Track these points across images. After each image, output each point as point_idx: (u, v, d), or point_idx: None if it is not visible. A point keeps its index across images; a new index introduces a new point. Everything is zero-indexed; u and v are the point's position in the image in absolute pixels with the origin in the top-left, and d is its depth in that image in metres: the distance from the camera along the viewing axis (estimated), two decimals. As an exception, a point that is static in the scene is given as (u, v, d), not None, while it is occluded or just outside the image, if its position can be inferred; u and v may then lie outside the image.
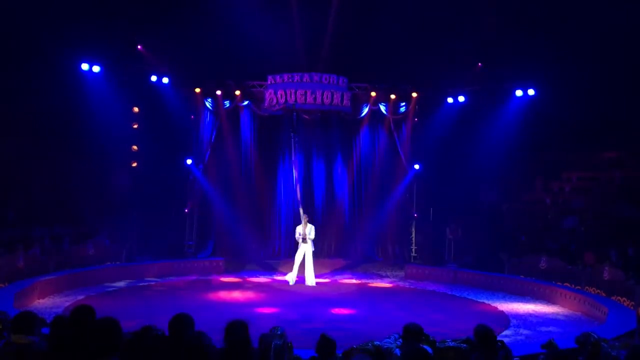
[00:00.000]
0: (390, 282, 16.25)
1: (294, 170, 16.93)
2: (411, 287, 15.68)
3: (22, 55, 15.25)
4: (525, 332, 10.81)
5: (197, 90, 17.41)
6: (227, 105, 17.59)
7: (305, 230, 15.05)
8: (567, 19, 15.66)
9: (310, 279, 15.08)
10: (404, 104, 17.80)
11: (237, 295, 13.87)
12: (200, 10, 16.04)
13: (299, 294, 14.06)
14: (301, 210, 15.47)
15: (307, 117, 17.74)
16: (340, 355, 5.05)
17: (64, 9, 14.63)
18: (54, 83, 16.06)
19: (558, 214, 17.87)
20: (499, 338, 5.08)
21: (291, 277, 15.06)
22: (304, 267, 15.08)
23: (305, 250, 15.05)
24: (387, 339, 5.39)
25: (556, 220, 17.63)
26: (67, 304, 11.83)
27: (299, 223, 15.29)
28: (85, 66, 16.41)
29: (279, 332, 4.31)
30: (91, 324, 3.92)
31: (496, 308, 12.98)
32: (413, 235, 18.14)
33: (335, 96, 17.08)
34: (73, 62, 16.30)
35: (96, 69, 16.50)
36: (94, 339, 3.66)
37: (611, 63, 15.94)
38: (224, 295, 13.82)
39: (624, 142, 17.93)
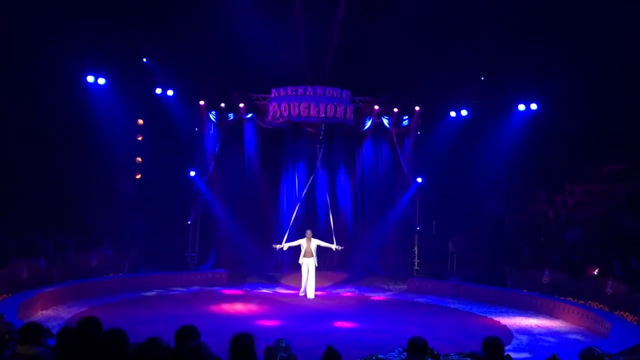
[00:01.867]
0: (393, 296, 16.23)
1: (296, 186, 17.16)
2: (414, 300, 15.66)
3: (28, 66, 15.37)
4: (528, 346, 10.78)
5: (202, 102, 17.51)
6: (231, 117, 17.67)
7: (310, 246, 15.21)
8: (569, 31, 15.74)
9: (311, 292, 15.13)
10: (406, 117, 17.86)
11: (239, 307, 13.86)
12: (206, 24, 16.18)
13: (301, 307, 14.05)
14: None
15: (310, 130, 17.80)
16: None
17: (70, 22, 14.78)
18: (59, 94, 16.21)
19: (561, 227, 17.85)
20: (501, 352, 5.06)
21: (307, 290, 15.25)
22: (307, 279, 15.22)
23: (308, 264, 15.17)
24: (391, 353, 5.39)
25: (559, 233, 17.61)
26: (71, 315, 11.85)
27: (302, 236, 15.55)
28: (90, 78, 16.55)
29: (284, 345, 4.33)
30: (99, 335, 3.96)
31: (499, 322, 12.96)
32: (415, 248, 18.12)
33: (338, 109, 17.17)
34: (79, 74, 16.45)
35: (102, 81, 16.65)
36: (101, 350, 3.69)
37: (614, 75, 15.98)
38: (226, 307, 13.81)
39: (627, 154, 17.91)
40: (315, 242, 15.35)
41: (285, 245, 15.74)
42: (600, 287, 13.37)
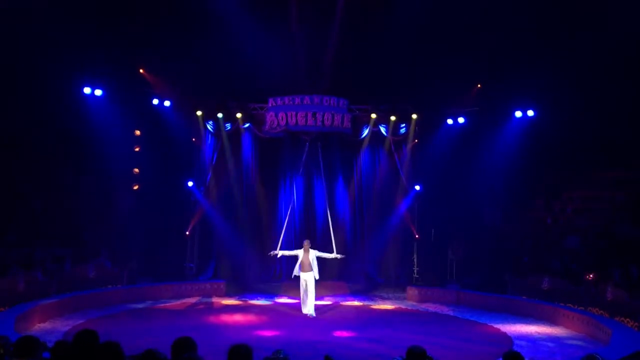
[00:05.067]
0: (392, 304, 16.17)
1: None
2: (413, 308, 15.60)
3: (26, 79, 15.39)
4: (529, 354, 10.71)
5: (199, 113, 17.51)
6: (229, 127, 17.67)
7: (309, 258, 13.96)
8: (566, 38, 15.80)
9: (310, 308, 14.06)
10: (404, 125, 17.88)
11: (238, 318, 13.79)
12: (202, 34, 16.22)
13: (300, 317, 13.96)
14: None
15: (307, 138, 17.80)
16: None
17: (66, 34, 14.81)
18: (57, 106, 16.22)
19: (560, 234, 17.83)
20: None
21: (308, 309, 14.01)
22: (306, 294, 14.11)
23: (307, 279, 13.98)
24: (390, 362, 5.34)
25: (558, 240, 17.60)
26: (68, 327, 11.77)
27: (299, 246, 14.63)
28: (87, 90, 16.56)
29: (282, 356, 4.29)
30: (94, 348, 3.92)
31: (499, 330, 12.90)
32: (415, 256, 18.07)
33: (335, 118, 17.17)
34: (76, 86, 16.46)
35: (98, 92, 16.66)
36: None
37: (612, 81, 16.02)
38: (225, 318, 13.74)
39: (627, 161, 17.93)
40: (314, 254, 14.09)
41: (280, 253, 14.67)
42: (600, 293, 13.33)
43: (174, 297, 16.07)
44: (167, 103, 17.38)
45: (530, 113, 17.21)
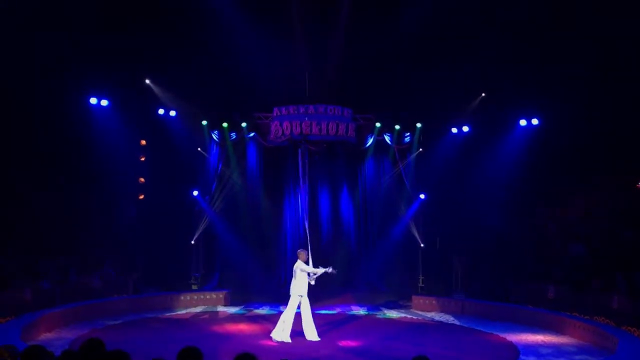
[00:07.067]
0: (398, 313, 16.13)
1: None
2: (418, 317, 15.55)
3: (31, 89, 15.49)
4: (535, 363, 10.69)
5: (204, 122, 17.61)
6: (234, 137, 17.75)
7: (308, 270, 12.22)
8: (569, 45, 15.83)
9: (312, 333, 12.31)
10: (408, 134, 17.92)
11: (243, 327, 13.78)
12: (207, 44, 16.34)
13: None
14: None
15: (312, 147, 17.84)
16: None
17: (72, 44, 14.94)
18: (62, 116, 16.32)
19: (564, 241, 17.77)
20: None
21: (281, 334, 12.08)
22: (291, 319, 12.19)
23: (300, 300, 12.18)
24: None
25: (562, 247, 17.53)
26: (74, 337, 11.81)
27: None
28: (93, 100, 16.68)
29: (286, 365, 4.30)
30: (101, 357, 3.95)
31: (505, 339, 12.84)
32: (420, 265, 18.03)
33: (340, 127, 17.20)
34: (81, 96, 16.58)
35: (104, 102, 16.78)
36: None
37: (615, 87, 16.01)
38: (229, 327, 13.74)
39: (630, 167, 17.87)
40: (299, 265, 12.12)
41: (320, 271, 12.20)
42: (606, 301, 13.27)
43: (178, 306, 16.08)
44: (172, 113, 17.50)
45: (534, 121, 17.24)
